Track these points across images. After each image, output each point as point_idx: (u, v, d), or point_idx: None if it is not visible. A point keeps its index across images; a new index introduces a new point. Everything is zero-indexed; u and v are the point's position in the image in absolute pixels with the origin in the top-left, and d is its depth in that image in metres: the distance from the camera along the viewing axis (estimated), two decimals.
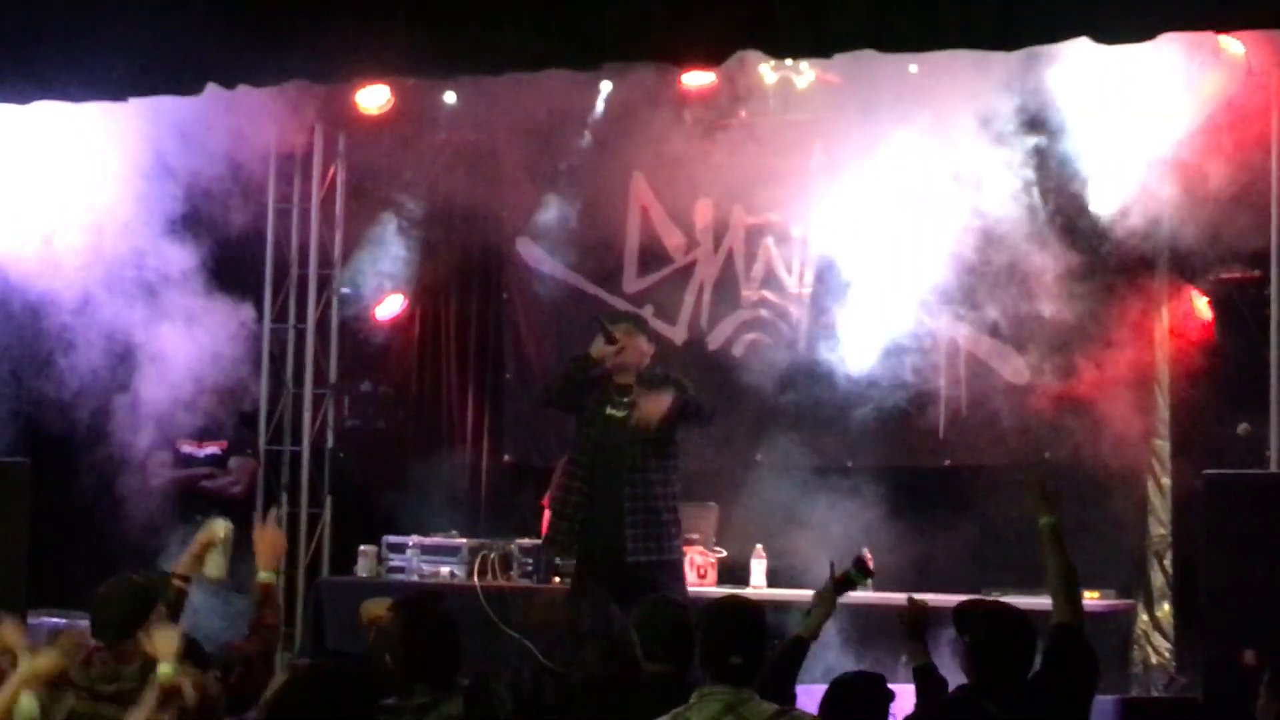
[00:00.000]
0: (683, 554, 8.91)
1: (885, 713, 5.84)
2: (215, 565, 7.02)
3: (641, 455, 8.50)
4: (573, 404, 8.93)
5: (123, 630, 6.26)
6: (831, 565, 6.70)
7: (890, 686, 5.95)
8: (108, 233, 10.38)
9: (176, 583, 6.90)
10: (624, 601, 7.89)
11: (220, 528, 7.04)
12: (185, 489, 10.58)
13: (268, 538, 7.03)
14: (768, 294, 11.02)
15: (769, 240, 11.00)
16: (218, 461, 10.74)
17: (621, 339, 8.60)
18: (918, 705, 6.11)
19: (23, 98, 8.73)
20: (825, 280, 10.81)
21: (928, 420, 10.50)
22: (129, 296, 10.54)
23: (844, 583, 6.61)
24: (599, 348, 8.62)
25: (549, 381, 9.23)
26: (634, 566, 8.37)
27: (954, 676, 5.98)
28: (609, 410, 8.59)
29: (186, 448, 10.75)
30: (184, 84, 8.32)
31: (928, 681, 6.23)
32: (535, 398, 10.67)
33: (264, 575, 6.87)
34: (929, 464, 10.53)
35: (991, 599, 6.53)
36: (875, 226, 10.53)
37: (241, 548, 7.06)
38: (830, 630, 7.30)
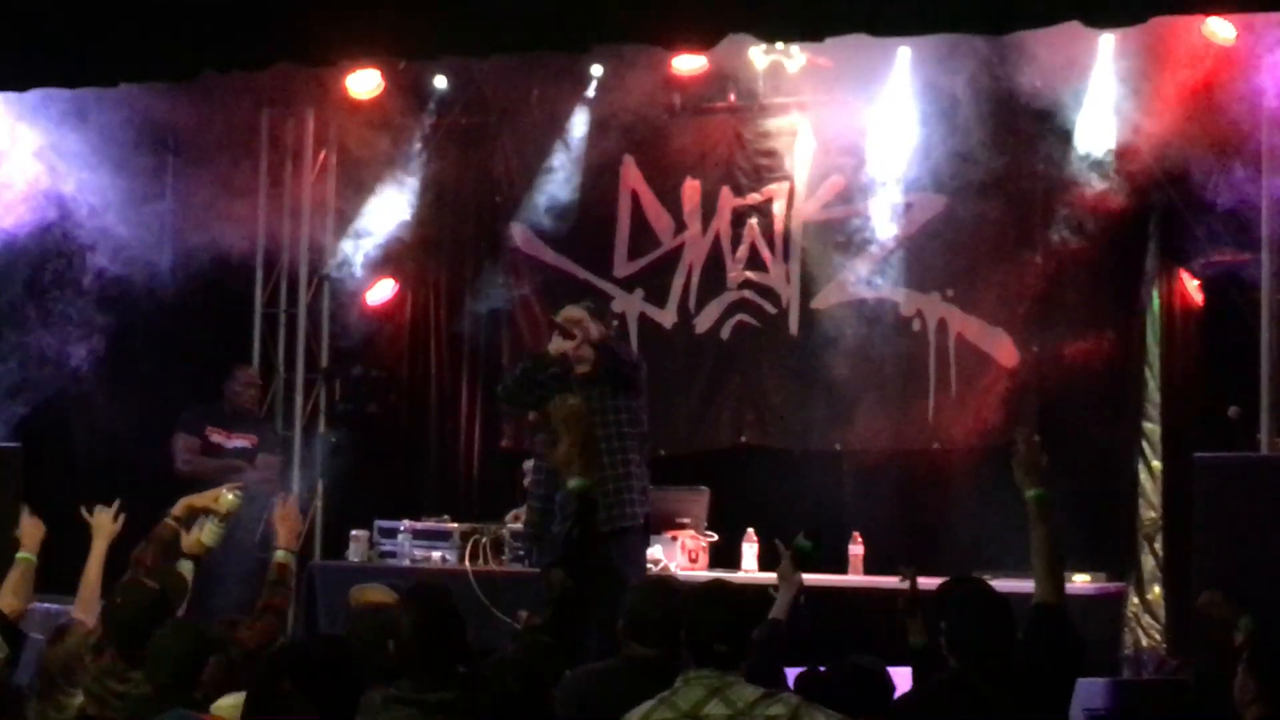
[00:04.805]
0: (647, 520, 8.78)
1: (886, 703, 5.76)
2: (211, 534, 7.11)
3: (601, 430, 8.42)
4: (527, 402, 8.84)
5: (135, 636, 6.08)
6: (780, 543, 6.76)
7: (889, 670, 5.89)
8: (98, 215, 10.38)
9: (170, 523, 7.06)
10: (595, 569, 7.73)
11: (227, 501, 7.13)
12: (213, 480, 10.48)
13: (287, 518, 7.09)
14: (752, 275, 10.98)
15: (753, 221, 10.98)
16: (247, 455, 10.73)
17: (576, 330, 8.48)
18: (912, 687, 6.05)
19: (19, 84, 8.72)
20: (811, 261, 10.80)
21: (917, 402, 10.50)
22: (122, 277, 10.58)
23: (799, 557, 6.64)
24: (556, 344, 8.55)
25: (504, 380, 9.16)
26: (606, 535, 8.34)
27: None
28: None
29: (216, 436, 10.73)
30: (177, 69, 8.31)
31: (926, 662, 6.18)
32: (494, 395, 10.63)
33: (281, 555, 6.93)
34: (918, 446, 10.52)
35: (967, 577, 6.45)
36: (862, 208, 10.54)
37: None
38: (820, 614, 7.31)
